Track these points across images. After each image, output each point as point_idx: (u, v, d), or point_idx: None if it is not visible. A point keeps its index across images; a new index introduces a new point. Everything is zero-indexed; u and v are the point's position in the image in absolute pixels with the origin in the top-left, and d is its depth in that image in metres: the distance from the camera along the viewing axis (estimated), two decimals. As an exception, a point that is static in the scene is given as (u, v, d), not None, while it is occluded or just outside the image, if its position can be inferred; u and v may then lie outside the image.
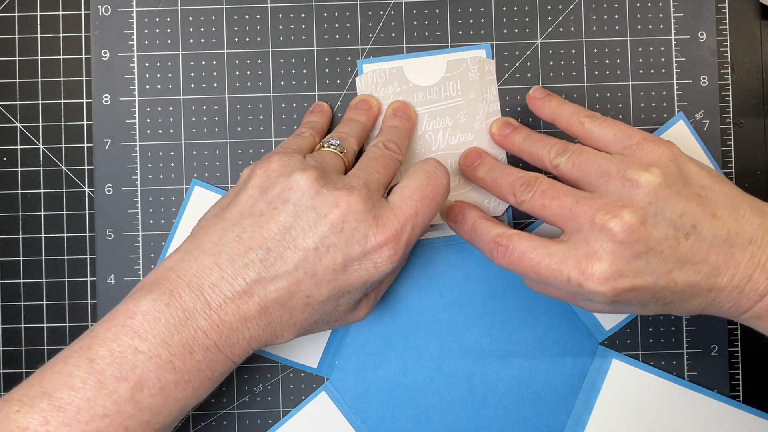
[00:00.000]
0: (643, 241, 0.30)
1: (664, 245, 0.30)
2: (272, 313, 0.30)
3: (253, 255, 0.30)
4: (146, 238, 0.41)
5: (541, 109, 0.37)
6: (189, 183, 0.41)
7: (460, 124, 0.40)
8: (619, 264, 0.30)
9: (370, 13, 0.41)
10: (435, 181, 0.33)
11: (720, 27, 0.41)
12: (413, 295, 0.40)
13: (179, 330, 0.28)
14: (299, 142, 0.36)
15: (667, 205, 0.31)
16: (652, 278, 0.31)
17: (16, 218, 0.41)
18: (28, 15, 0.41)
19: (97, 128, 0.41)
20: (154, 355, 0.28)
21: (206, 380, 0.30)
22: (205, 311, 0.29)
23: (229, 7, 0.41)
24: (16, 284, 0.41)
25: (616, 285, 0.30)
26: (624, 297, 0.31)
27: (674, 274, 0.31)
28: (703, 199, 0.31)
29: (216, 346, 0.29)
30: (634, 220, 0.30)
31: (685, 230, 0.31)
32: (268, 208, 0.31)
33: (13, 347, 0.41)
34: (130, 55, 0.41)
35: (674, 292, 0.31)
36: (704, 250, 0.31)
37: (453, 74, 0.41)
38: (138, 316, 0.28)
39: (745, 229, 0.31)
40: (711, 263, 0.31)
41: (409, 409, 0.40)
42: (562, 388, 0.40)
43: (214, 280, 0.29)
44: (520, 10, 0.41)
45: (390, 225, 0.31)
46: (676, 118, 0.41)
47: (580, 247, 0.31)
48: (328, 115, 0.40)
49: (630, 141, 0.33)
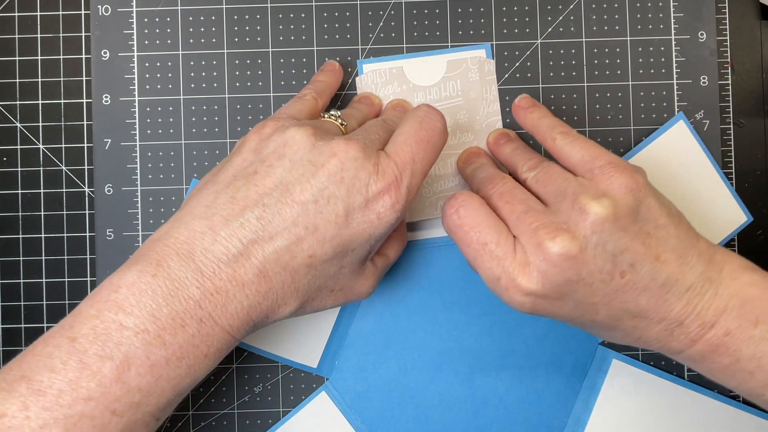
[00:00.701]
0: (576, 269, 0.29)
1: (596, 278, 0.30)
2: (272, 277, 0.28)
3: (249, 214, 0.28)
4: (146, 238, 0.41)
5: (524, 120, 0.37)
6: (189, 183, 0.41)
7: (460, 124, 0.40)
8: (546, 285, 0.30)
9: (370, 13, 0.41)
10: (428, 124, 0.32)
11: (720, 27, 0.41)
12: (413, 295, 0.40)
13: (168, 302, 0.26)
14: (298, 106, 0.34)
15: (610, 239, 0.29)
16: (573, 306, 0.31)
17: (16, 218, 0.41)
18: (28, 15, 0.41)
19: (97, 128, 0.41)
20: (141, 330, 0.25)
21: (202, 357, 0.27)
22: (197, 279, 0.27)
23: (229, 7, 0.41)
24: (16, 284, 0.41)
25: (536, 304, 0.31)
26: (541, 313, 0.31)
27: (598, 307, 0.30)
28: (651, 239, 0.30)
29: (211, 317, 0.27)
30: (571, 247, 0.29)
31: (621, 267, 0.30)
32: (262, 167, 0.29)
33: (13, 347, 0.41)
34: (130, 55, 0.41)
35: (594, 321, 0.31)
36: (637, 291, 0.30)
37: (453, 74, 0.41)
38: (122, 290, 0.26)
39: (687, 275, 0.30)
40: (640, 305, 0.30)
41: (409, 409, 0.40)
42: (562, 388, 0.40)
43: (206, 245, 0.27)
44: (520, 10, 0.41)
45: (389, 171, 0.29)
46: (676, 118, 0.41)
47: (519, 254, 0.30)
48: (338, 76, 0.39)
49: (594, 164, 0.32)
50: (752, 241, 0.41)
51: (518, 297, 0.30)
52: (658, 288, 0.30)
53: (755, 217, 0.41)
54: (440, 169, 0.40)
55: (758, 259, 0.41)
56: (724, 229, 0.41)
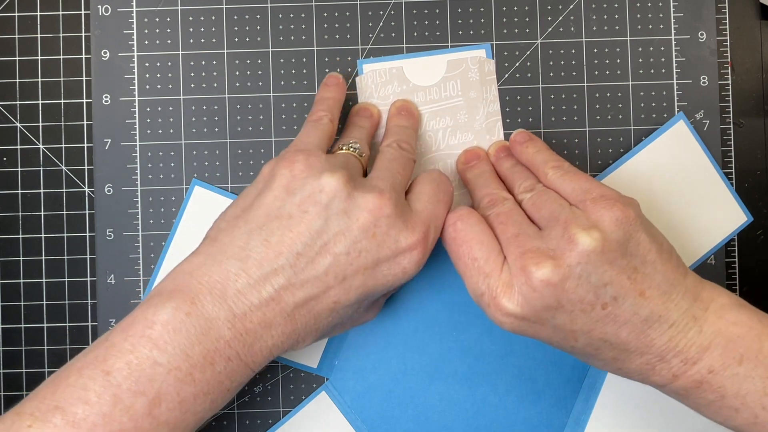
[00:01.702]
0: (556, 297, 0.30)
1: (577, 307, 0.30)
2: (298, 319, 0.29)
3: (283, 260, 0.29)
4: (146, 238, 0.41)
5: (520, 155, 0.38)
6: (189, 183, 0.41)
7: (460, 124, 0.40)
8: (525, 308, 0.30)
9: (370, 13, 0.41)
10: (444, 187, 0.34)
11: (720, 27, 0.41)
12: (413, 295, 0.40)
13: (201, 341, 0.27)
14: (319, 133, 0.34)
15: (595, 271, 0.30)
16: (552, 331, 0.31)
17: (16, 218, 0.41)
18: (28, 15, 0.41)
19: (97, 128, 0.41)
20: (173, 367, 0.26)
21: (225, 391, 0.28)
22: (229, 320, 0.28)
23: (229, 7, 0.41)
24: (16, 284, 0.41)
25: (515, 325, 0.31)
26: (522, 334, 0.32)
27: (577, 335, 0.31)
28: (638, 274, 0.30)
29: (238, 356, 0.28)
30: (553, 275, 0.29)
31: (604, 299, 0.30)
32: (297, 211, 0.29)
33: (13, 347, 0.41)
34: (130, 55, 0.41)
35: (574, 348, 0.31)
36: (618, 324, 0.30)
37: (453, 74, 0.41)
38: (157, 326, 0.27)
39: (671, 312, 0.30)
40: (621, 337, 0.30)
41: (409, 409, 0.40)
42: (562, 388, 0.40)
43: (239, 287, 0.28)
44: (520, 10, 0.41)
45: (419, 228, 0.31)
46: (676, 118, 0.41)
47: (504, 274, 0.31)
48: (343, 88, 0.39)
49: (587, 196, 0.32)
50: (752, 241, 0.41)
51: (498, 315, 0.31)
52: (640, 322, 0.30)
53: (755, 217, 0.41)
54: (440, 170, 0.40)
55: (758, 259, 0.41)
56: (724, 229, 0.41)
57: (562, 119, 0.41)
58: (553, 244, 0.31)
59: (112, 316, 0.41)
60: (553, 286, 0.29)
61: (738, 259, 0.41)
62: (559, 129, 0.41)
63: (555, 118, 0.41)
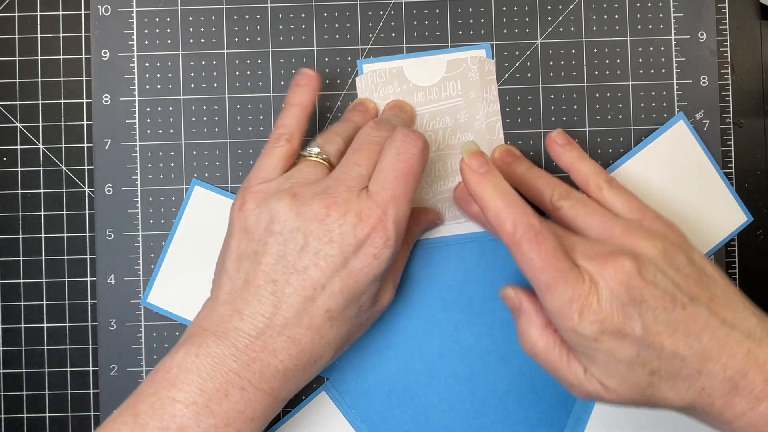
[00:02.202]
0: (639, 289, 0.30)
1: (659, 303, 0.30)
2: (300, 339, 0.31)
3: (264, 291, 0.31)
4: (146, 238, 0.41)
5: (560, 156, 0.37)
6: (189, 183, 0.41)
7: (460, 123, 0.40)
8: (615, 305, 0.30)
9: (370, 13, 0.41)
10: (405, 154, 0.33)
11: (720, 27, 0.41)
12: (413, 295, 0.40)
13: (212, 376, 0.30)
14: (272, 161, 0.35)
15: (667, 273, 0.30)
16: (640, 329, 0.30)
17: (16, 218, 0.41)
18: (28, 15, 0.41)
19: (97, 128, 0.41)
20: (190, 402, 0.29)
21: (248, 420, 0.30)
22: (233, 353, 0.30)
23: (229, 7, 0.41)
24: (16, 284, 0.41)
25: (604, 324, 0.30)
26: (607, 343, 0.30)
27: (662, 337, 0.30)
28: (703, 282, 0.31)
29: (251, 384, 0.30)
30: (635, 268, 0.30)
31: (682, 299, 0.30)
32: (259, 245, 0.32)
33: (13, 347, 0.41)
34: (130, 55, 0.41)
35: (660, 357, 0.30)
36: (699, 326, 0.30)
37: (453, 74, 0.41)
38: (173, 370, 0.30)
39: (743, 323, 0.30)
40: (703, 343, 0.30)
41: (409, 409, 0.40)
42: (562, 388, 0.40)
43: (236, 325, 0.31)
44: (520, 10, 0.41)
45: (373, 214, 0.31)
46: (676, 118, 0.41)
47: (586, 276, 0.30)
48: (314, 86, 0.37)
49: (642, 215, 0.34)
50: (752, 241, 0.41)
51: (589, 318, 0.30)
52: (718, 326, 0.30)
53: (755, 217, 0.41)
54: (440, 170, 0.40)
55: (758, 259, 0.41)
56: (724, 229, 0.41)
57: (562, 119, 0.41)
58: (617, 249, 0.31)
59: (112, 316, 0.41)
60: (635, 278, 0.30)
61: (738, 259, 0.41)
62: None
63: (555, 118, 0.41)
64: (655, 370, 0.30)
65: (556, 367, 0.32)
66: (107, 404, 0.41)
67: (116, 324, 0.41)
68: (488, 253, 0.40)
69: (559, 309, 0.30)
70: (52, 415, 0.41)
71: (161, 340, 0.41)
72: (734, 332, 0.30)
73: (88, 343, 0.41)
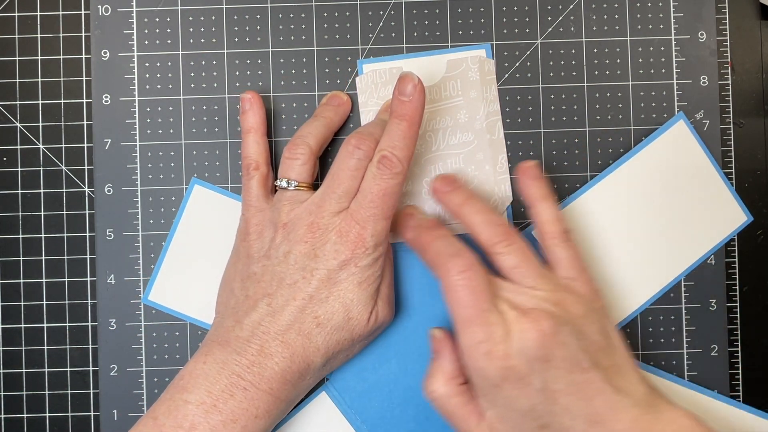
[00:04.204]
0: (550, 348, 0.32)
1: (563, 365, 0.32)
2: (291, 342, 0.34)
3: (260, 303, 0.35)
4: (146, 238, 0.41)
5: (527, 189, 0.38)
6: (189, 183, 0.41)
7: (460, 123, 0.40)
8: (522, 357, 0.32)
9: (370, 13, 0.41)
10: (381, 179, 0.35)
11: (720, 27, 0.41)
12: (413, 295, 0.40)
13: (218, 379, 0.34)
14: (255, 191, 0.38)
15: (579, 337, 0.33)
16: (540, 383, 0.32)
17: (16, 218, 0.41)
18: (28, 15, 0.41)
19: (97, 128, 0.41)
20: (200, 402, 0.33)
21: (253, 417, 0.33)
22: (235, 359, 0.34)
23: (229, 7, 0.41)
24: (16, 284, 0.41)
25: (507, 371, 0.32)
26: (507, 390, 0.32)
27: (559, 395, 0.32)
28: (608, 351, 0.34)
29: (252, 384, 0.34)
30: (549, 329, 0.32)
31: (584, 364, 0.32)
32: (258, 267, 0.36)
33: (13, 347, 0.41)
34: (130, 55, 0.41)
35: (552, 413, 0.32)
36: (593, 390, 0.32)
37: (453, 74, 0.41)
38: (186, 377, 0.34)
39: (635, 391, 0.33)
40: (595, 406, 0.32)
41: (409, 409, 0.40)
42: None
43: (237, 333, 0.35)
44: (520, 10, 0.41)
45: (351, 231, 0.34)
46: (676, 118, 0.41)
47: (503, 324, 0.33)
48: (257, 105, 0.39)
49: (578, 276, 0.36)
50: (752, 241, 0.41)
51: (496, 362, 0.32)
52: (611, 392, 0.32)
53: (755, 217, 0.41)
54: (439, 170, 0.40)
55: (758, 259, 0.41)
56: (724, 229, 0.41)
57: (562, 119, 0.41)
58: (545, 303, 0.33)
59: (112, 316, 0.41)
60: (549, 337, 0.32)
61: (738, 259, 0.41)
62: (559, 129, 0.41)
63: (555, 118, 0.41)
64: (545, 425, 0.32)
65: (452, 414, 0.35)
66: (107, 404, 0.41)
67: (116, 324, 0.41)
68: (488, 253, 0.40)
69: (469, 347, 0.33)
70: (52, 415, 0.41)
71: (161, 340, 0.41)
72: (625, 399, 0.32)
73: (88, 343, 0.41)
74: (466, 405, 0.35)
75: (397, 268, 0.40)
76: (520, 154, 0.41)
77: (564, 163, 0.41)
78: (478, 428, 0.34)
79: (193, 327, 0.41)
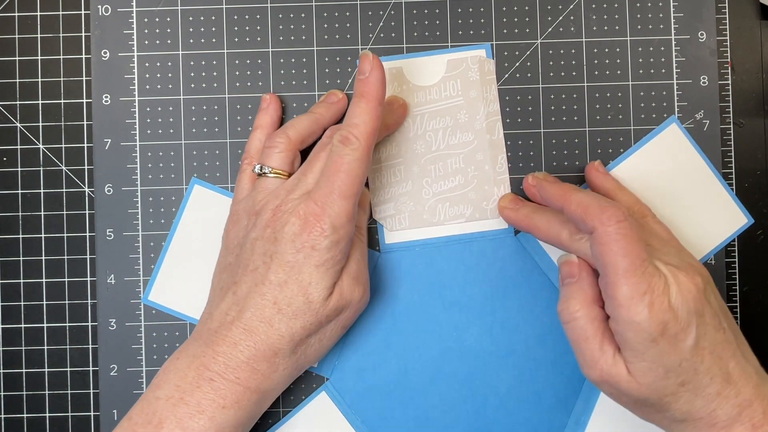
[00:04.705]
0: (702, 304, 0.32)
1: (711, 322, 0.32)
2: (254, 329, 0.34)
3: (228, 293, 0.35)
4: (146, 238, 0.41)
5: (603, 183, 0.40)
6: (189, 183, 0.41)
7: (460, 123, 0.40)
8: (683, 308, 0.31)
9: (370, 13, 0.41)
10: (336, 155, 0.35)
11: (720, 27, 0.41)
12: (413, 295, 0.40)
13: (186, 373, 0.34)
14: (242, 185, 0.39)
15: (717, 299, 0.34)
16: (692, 340, 0.32)
17: (16, 218, 0.41)
18: (28, 15, 0.41)
19: (97, 128, 0.41)
20: (168, 397, 0.34)
21: (220, 408, 0.33)
22: (203, 351, 0.34)
23: (229, 7, 0.41)
24: (16, 284, 0.41)
25: (667, 326, 0.31)
26: (660, 346, 0.31)
27: (705, 353, 0.32)
28: (728, 317, 0.34)
29: (218, 375, 0.34)
30: (702, 285, 0.32)
31: (723, 324, 0.33)
32: (233, 257, 0.37)
33: (13, 347, 0.41)
34: (130, 55, 0.41)
35: (696, 371, 0.32)
36: (729, 352, 0.32)
37: (453, 74, 0.41)
38: (160, 374, 0.35)
39: (752, 359, 0.34)
40: (729, 367, 0.32)
41: (409, 409, 0.40)
42: (562, 388, 0.40)
43: (208, 326, 0.35)
44: (520, 10, 0.41)
45: (310, 212, 0.34)
46: (668, 121, 0.41)
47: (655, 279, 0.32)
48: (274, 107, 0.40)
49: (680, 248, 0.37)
50: (752, 241, 0.41)
51: (661, 313, 0.31)
52: (740, 356, 0.33)
53: (755, 218, 0.41)
54: (440, 170, 0.40)
55: (758, 259, 0.41)
56: (724, 231, 0.41)
57: (562, 119, 0.41)
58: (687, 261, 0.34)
59: (112, 316, 0.41)
60: (701, 294, 0.32)
61: (738, 259, 0.41)
62: (559, 129, 0.41)
63: (555, 118, 0.41)
64: (685, 382, 0.32)
65: (587, 339, 0.33)
66: (107, 404, 0.41)
67: (116, 324, 0.41)
68: (488, 253, 0.40)
69: (630, 299, 0.31)
70: (52, 415, 0.41)
71: (161, 340, 0.41)
72: (748, 365, 0.33)
73: (88, 343, 0.41)
74: (605, 332, 0.33)
75: (397, 267, 0.40)
76: (519, 154, 0.41)
77: (564, 163, 0.41)
78: (613, 360, 0.33)
79: (192, 327, 0.41)
